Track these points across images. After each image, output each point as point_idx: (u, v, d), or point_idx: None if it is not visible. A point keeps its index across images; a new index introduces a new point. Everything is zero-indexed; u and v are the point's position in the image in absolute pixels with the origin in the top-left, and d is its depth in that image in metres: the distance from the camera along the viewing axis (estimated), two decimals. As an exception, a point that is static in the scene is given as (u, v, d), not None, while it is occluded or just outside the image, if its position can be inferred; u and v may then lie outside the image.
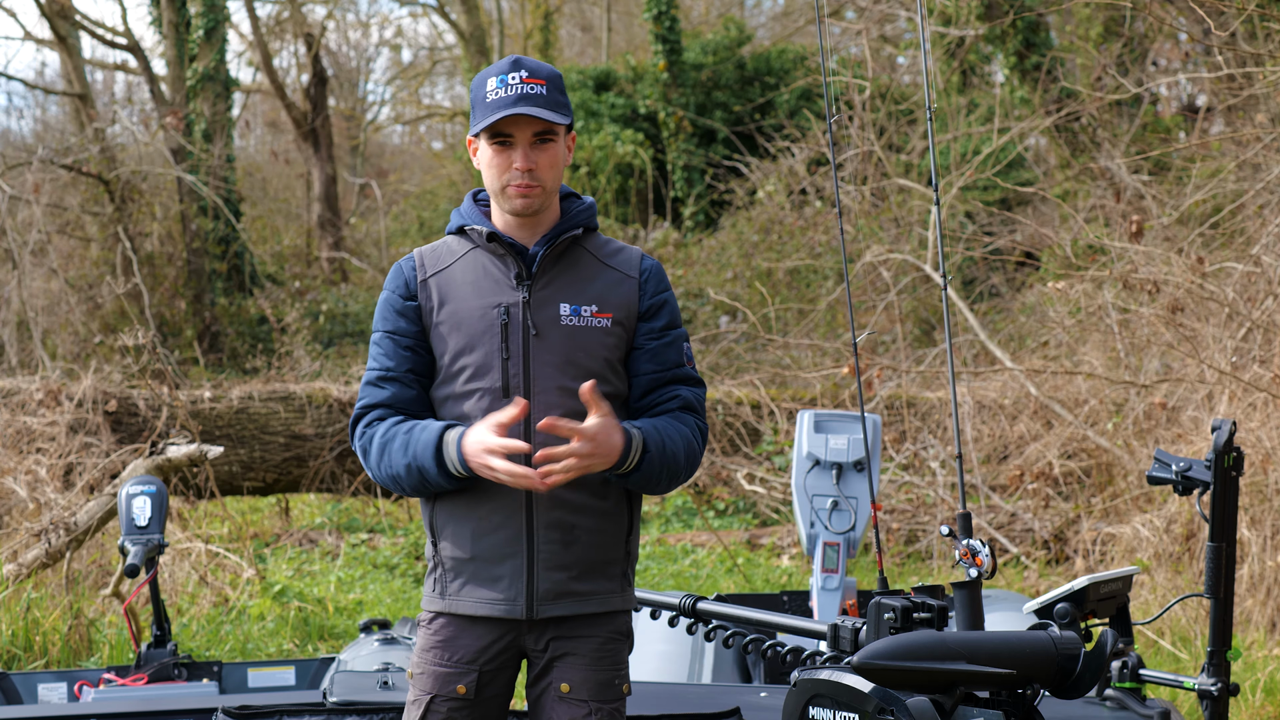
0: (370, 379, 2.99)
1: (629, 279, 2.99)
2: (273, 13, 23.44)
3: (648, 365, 2.99)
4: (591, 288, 2.95)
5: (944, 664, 2.47)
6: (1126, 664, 3.65)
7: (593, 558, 2.93)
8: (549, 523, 2.89)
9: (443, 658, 2.93)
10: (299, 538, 9.68)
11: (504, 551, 2.90)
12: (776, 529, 9.31)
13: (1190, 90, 15.10)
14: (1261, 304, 7.45)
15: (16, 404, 9.01)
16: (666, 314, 3.01)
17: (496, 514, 2.90)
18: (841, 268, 12.63)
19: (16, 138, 22.77)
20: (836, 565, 4.96)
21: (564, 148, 2.96)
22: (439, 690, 2.92)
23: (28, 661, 6.30)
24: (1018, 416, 8.86)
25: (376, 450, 2.92)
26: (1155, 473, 3.40)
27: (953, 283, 12.32)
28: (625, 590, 3.00)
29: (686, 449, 2.96)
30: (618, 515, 2.97)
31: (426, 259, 3.00)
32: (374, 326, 3.03)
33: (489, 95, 2.89)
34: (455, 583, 2.93)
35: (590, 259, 2.99)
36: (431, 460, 2.84)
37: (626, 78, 19.60)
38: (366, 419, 2.97)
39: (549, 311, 2.91)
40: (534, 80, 2.89)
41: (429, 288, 2.96)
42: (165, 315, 15.82)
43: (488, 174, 2.94)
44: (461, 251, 2.99)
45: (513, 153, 2.89)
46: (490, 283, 2.94)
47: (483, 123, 2.88)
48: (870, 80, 11.67)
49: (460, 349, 2.92)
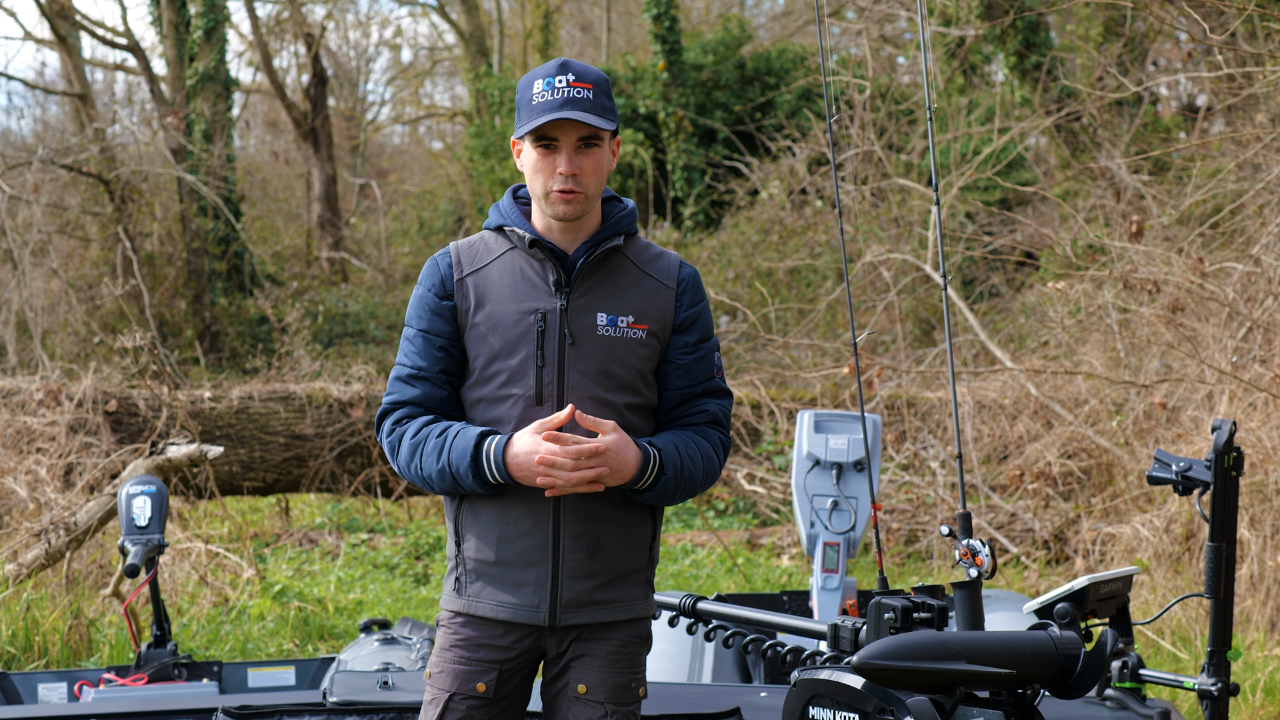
0: (401, 375, 2.97)
1: (666, 289, 2.97)
2: (273, 13, 23.44)
3: (679, 380, 2.98)
4: (629, 297, 2.93)
5: (944, 664, 2.47)
6: (1126, 664, 3.65)
7: (617, 566, 2.93)
8: (576, 533, 2.89)
9: (463, 656, 2.92)
10: (299, 538, 9.68)
11: (530, 559, 2.89)
12: (776, 529, 9.31)
13: (1190, 90, 15.11)
14: (1261, 304, 7.45)
15: (16, 404, 9.01)
16: (700, 327, 3.00)
17: (524, 520, 2.89)
18: (841, 267, 12.63)
19: (16, 138, 22.75)
20: (836, 565, 4.96)
21: (608, 153, 2.93)
22: (458, 688, 2.91)
23: (28, 661, 6.30)
24: (1018, 416, 8.86)
25: (407, 450, 2.91)
26: (1155, 473, 3.40)
27: (953, 283, 12.32)
28: (648, 596, 3.00)
29: (706, 466, 2.96)
30: (641, 524, 2.97)
31: (463, 255, 2.97)
32: (407, 320, 3.00)
33: (535, 98, 2.86)
34: (476, 584, 2.93)
35: (629, 266, 2.96)
36: (468, 468, 2.83)
37: (626, 78, 19.59)
38: (396, 415, 2.96)
39: (586, 320, 2.89)
40: (581, 84, 2.86)
41: (465, 287, 2.93)
42: (165, 315, 15.81)
43: (531, 177, 2.90)
44: (500, 251, 2.96)
45: (557, 156, 2.86)
46: (528, 287, 2.91)
47: (528, 125, 2.85)
48: (870, 80, 11.67)
49: (495, 354, 2.90)
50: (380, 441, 3.00)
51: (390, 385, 2.98)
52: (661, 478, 2.88)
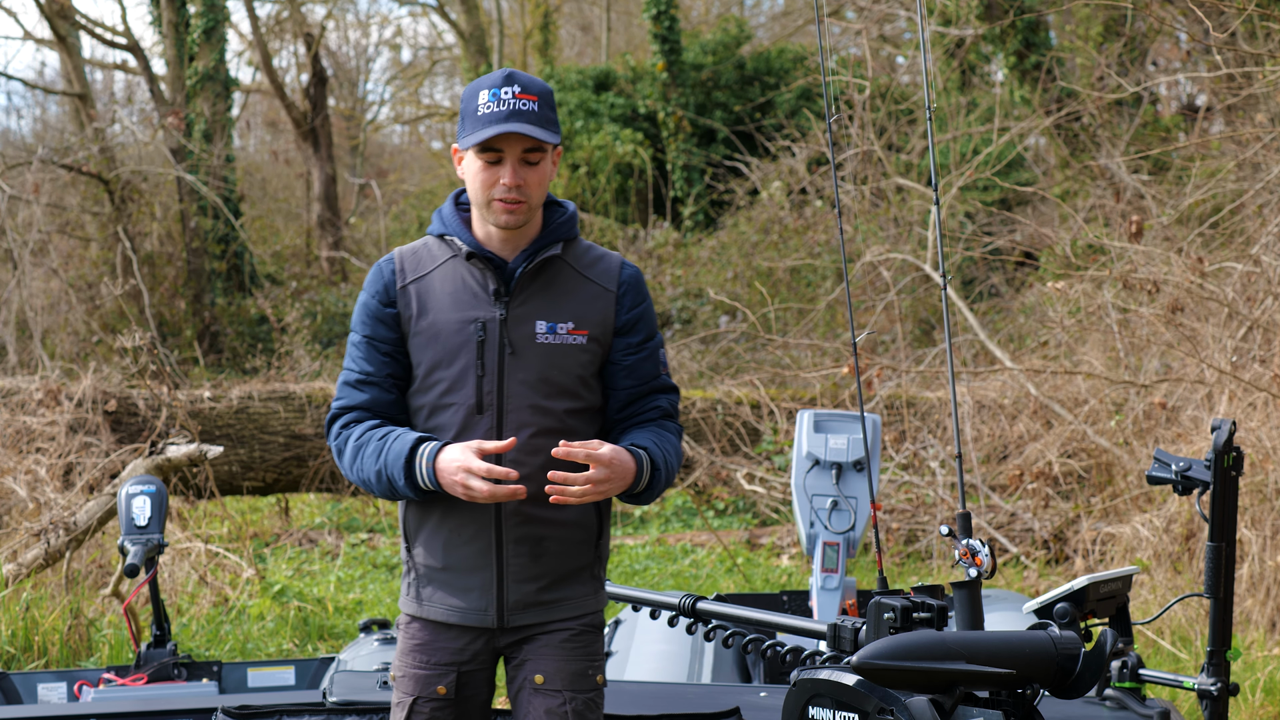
0: (349, 379, 3.01)
1: (607, 293, 2.99)
2: (272, 12, 23.44)
3: (626, 381, 3.01)
4: (568, 304, 2.96)
5: (943, 664, 2.47)
6: (1126, 664, 3.65)
7: (561, 567, 2.98)
8: (518, 537, 2.94)
9: (421, 660, 2.99)
10: (299, 538, 9.68)
11: (475, 563, 2.95)
12: (776, 529, 9.31)
13: (1190, 90, 15.11)
14: (1261, 303, 7.44)
15: (16, 404, 9.01)
16: (643, 328, 3.03)
17: (467, 526, 2.94)
18: (841, 267, 12.63)
19: (16, 137, 22.77)
20: (836, 565, 4.96)
21: (550, 164, 2.96)
22: (420, 692, 2.98)
23: (27, 661, 6.30)
24: (1017, 416, 8.86)
25: (351, 452, 2.95)
26: (1155, 472, 3.40)
27: (952, 282, 12.32)
28: (597, 591, 3.05)
29: (677, 459, 3.03)
30: (586, 524, 3.00)
31: (407, 262, 3.01)
32: (353, 326, 3.04)
33: (481, 108, 2.89)
34: (428, 589, 2.99)
35: (570, 272, 2.99)
36: (401, 471, 2.86)
37: (626, 77, 19.59)
38: (344, 419, 3.00)
39: (525, 329, 2.93)
40: (526, 96, 2.88)
41: (408, 294, 2.97)
42: (165, 315, 15.81)
43: (474, 187, 2.94)
44: (442, 258, 3.00)
45: (501, 169, 2.90)
46: (469, 295, 2.95)
47: (475, 137, 2.88)
48: (870, 80, 11.67)
49: (436, 362, 2.95)
50: (329, 445, 3.04)
51: (338, 390, 3.02)
52: (656, 475, 2.93)
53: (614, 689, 3.93)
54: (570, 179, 18.05)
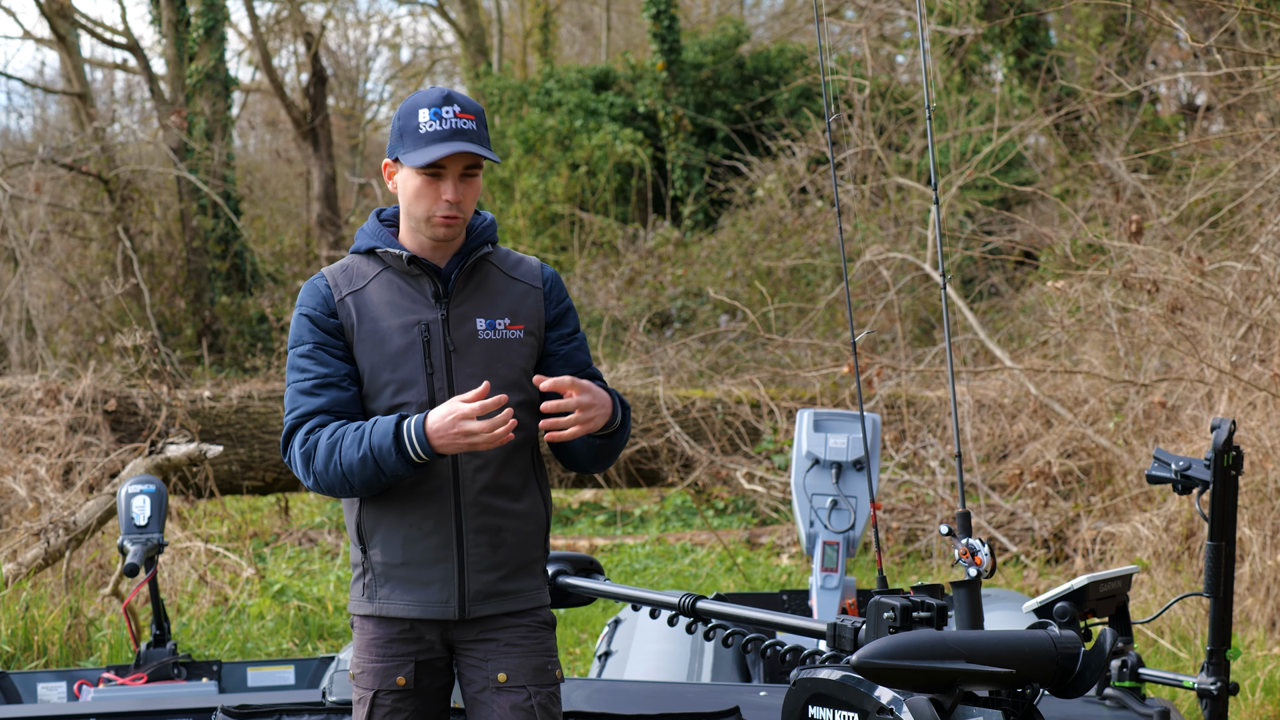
0: (304, 388, 2.99)
1: (535, 290, 3.12)
2: (272, 12, 23.44)
3: (564, 368, 3.12)
4: (503, 301, 3.08)
5: (943, 663, 2.48)
6: (1126, 663, 3.65)
7: (518, 558, 3.06)
8: (478, 527, 3.01)
9: (380, 654, 3.03)
10: (298, 537, 9.68)
11: (435, 556, 3.01)
12: (776, 528, 9.31)
13: (1190, 89, 15.11)
14: (1261, 303, 7.44)
15: (16, 403, 9.01)
16: (571, 319, 3.17)
17: (426, 521, 3.00)
18: (841, 267, 12.62)
19: (16, 137, 22.77)
20: (836, 564, 4.96)
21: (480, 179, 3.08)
22: (380, 685, 3.03)
23: (27, 661, 6.30)
24: (1017, 416, 8.86)
25: (324, 451, 2.94)
26: (1155, 472, 3.40)
27: (952, 282, 12.33)
28: (544, 586, 3.15)
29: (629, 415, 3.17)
30: (536, 516, 3.10)
31: (339, 279, 3.07)
32: (293, 343, 3.05)
33: (423, 127, 2.97)
34: (385, 587, 3.03)
35: (497, 273, 3.11)
36: (391, 448, 2.88)
37: (626, 77, 19.59)
38: (307, 426, 2.98)
39: (466, 327, 3.03)
40: (465, 115, 2.99)
41: (346, 305, 3.03)
42: (165, 314, 15.81)
43: (413, 202, 3.01)
44: (373, 273, 3.07)
45: (443, 184, 2.98)
46: (407, 301, 3.03)
47: (422, 155, 2.95)
48: (870, 79, 11.66)
49: (382, 365, 3.00)
50: (290, 461, 3.02)
51: (291, 403, 3.01)
52: (626, 413, 3.07)
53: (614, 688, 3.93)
54: (570, 178, 18.04)
